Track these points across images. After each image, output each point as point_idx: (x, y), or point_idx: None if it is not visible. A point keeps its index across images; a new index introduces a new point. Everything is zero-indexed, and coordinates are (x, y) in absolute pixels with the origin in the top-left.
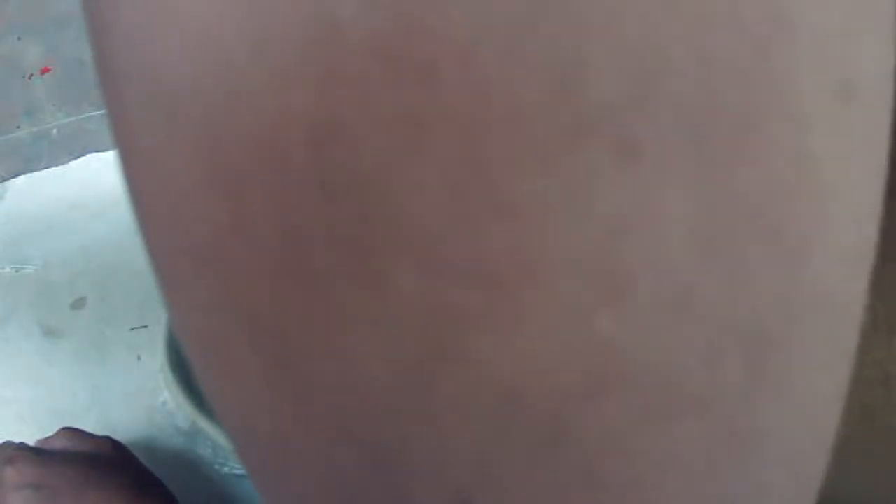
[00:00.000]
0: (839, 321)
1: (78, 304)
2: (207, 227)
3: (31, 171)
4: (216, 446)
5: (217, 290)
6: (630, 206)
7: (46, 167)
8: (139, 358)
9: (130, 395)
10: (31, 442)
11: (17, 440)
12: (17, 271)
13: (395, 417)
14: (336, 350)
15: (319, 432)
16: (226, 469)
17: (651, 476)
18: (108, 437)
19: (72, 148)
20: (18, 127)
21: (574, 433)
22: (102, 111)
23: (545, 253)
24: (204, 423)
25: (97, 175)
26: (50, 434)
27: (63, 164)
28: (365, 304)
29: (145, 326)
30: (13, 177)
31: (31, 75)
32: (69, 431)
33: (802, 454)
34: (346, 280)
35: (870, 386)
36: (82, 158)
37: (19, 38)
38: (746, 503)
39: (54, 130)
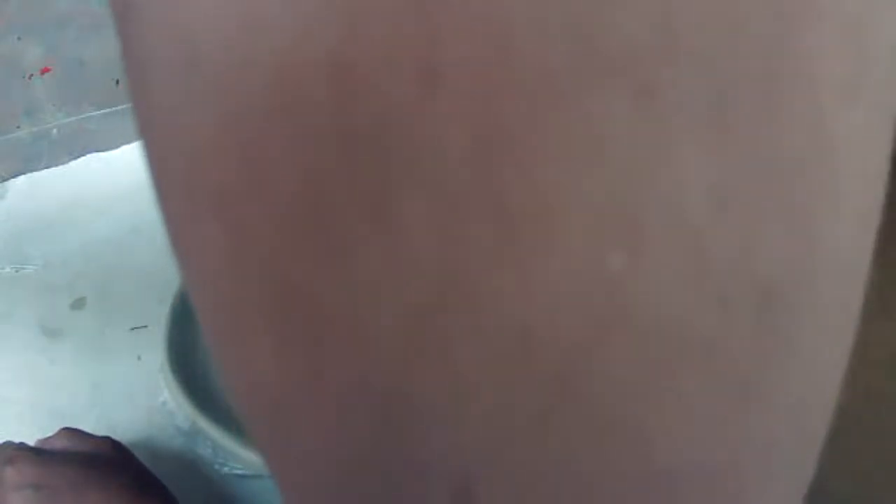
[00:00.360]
0: (846, 282)
1: (78, 304)
2: (221, 170)
3: (31, 171)
4: (216, 446)
5: (228, 239)
6: (646, 149)
7: (46, 167)
8: (139, 358)
9: (130, 395)
10: (31, 442)
11: (17, 440)
12: (17, 271)
13: (407, 360)
14: (348, 292)
15: (330, 383)
16: (226, 469)
17: (656, 424)
18: (108, 437)
19: (72, 148)
20: (18, 127)
21: (582, 377)
22: (102, 111)
23: (560, 190)
24: (204, 423)
25: (97, 175)
26: (50, 434)
27: (63, 164)
28: (378, 240)
29: (145, 326)
30: (13, 177)
31: (31, 75)
32: (69, 431)
33: (807, 414)
34: (360, 216)
35: (875, 368)
36: (82, 158)
37: (19, 38)
38: (751, 457)
39: (54, 130)
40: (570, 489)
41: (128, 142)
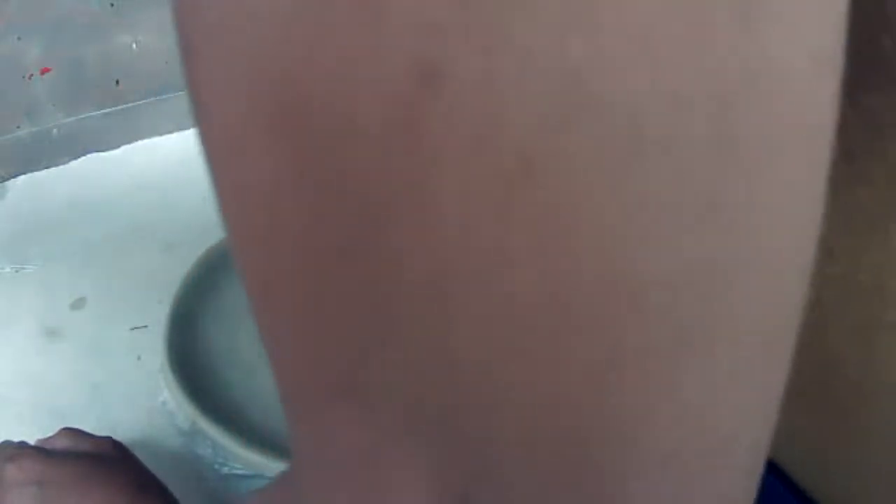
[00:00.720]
0: (804, 120)
1: (78, 304)
2: None
3: (31, 171)
4: (216, 446)
5: (234, 29)
6: None
7: (46, 167)
8: (139, 358)
9: (130, 395)
10: (31, 442)
11: (17, 440)
12: (17, 271)
13: (384, 158)
14: (334, 79)
15: (312, 181)
16: (226, 469)
17: (617, 221)
18: (108, 438)
19: (72, 148)
20: (18, 127)
21: (546, 160)
22: (102, 111)
23: None
24: (204, 423)
25: (97, 175)
26: (50, 434)
27: (63, 164)
28: (361, 18)
29: (145, 326)
30: (13, 177)
31: (31, 75)
32: (70, 431)
33: (773, 257)
34: None
35: (864, 296)
36: (82, 158)
37: (19, 38)
38: (714, 281)
39: (54, 130)
40: (535, 285)
41: (128, 142)
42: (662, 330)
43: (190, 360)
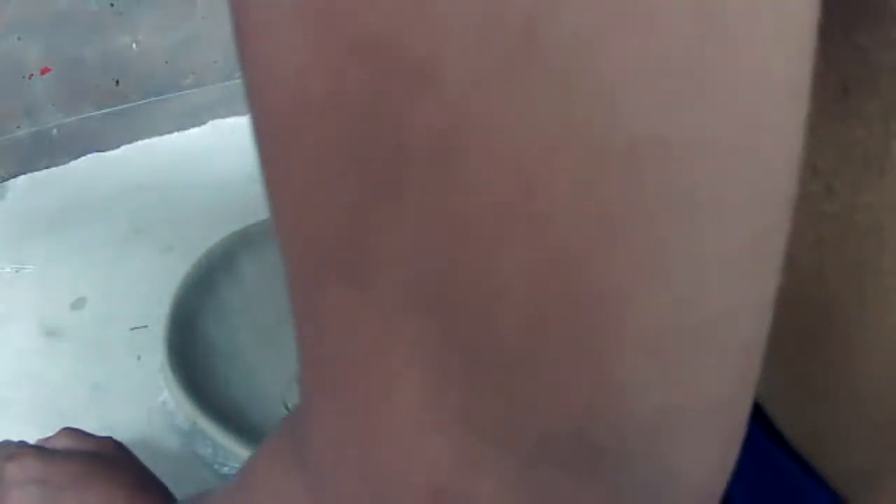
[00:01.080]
0: (782, 7)
1: (78, 304)
2: None
3: (31, 171)
4: (216, 446)
5: None
6: None
7: (46, 167)
8: (139, 358)
9: (130, 395)
10: (31, 442)
11: (16, 440)
12: (17, 271)
13: (400, 28)
14: None
15: (333, 52)
16: (226, 469)
17: (612, 85)
18: (108, 438)
19: (72, 148)
20: (18, 127)
21: (544, 35)
22: (102, 111)
23: None
24: (204, 423)
25: (97, 175)
26: (50, 434)
27: (63, 164)
28: None
29: (145, 326)
30: (13, 177)
31: (31, 75)
32: (70, 431)
33: (761, 155)
34: None
35: (861, 237)
36: (82, 158)
37: (19, 38)
38: (703, 148)
39: (54, 130)
40: (534, 144)
41: (128, 142)
42: (650, 194)
43: (190, 360)
